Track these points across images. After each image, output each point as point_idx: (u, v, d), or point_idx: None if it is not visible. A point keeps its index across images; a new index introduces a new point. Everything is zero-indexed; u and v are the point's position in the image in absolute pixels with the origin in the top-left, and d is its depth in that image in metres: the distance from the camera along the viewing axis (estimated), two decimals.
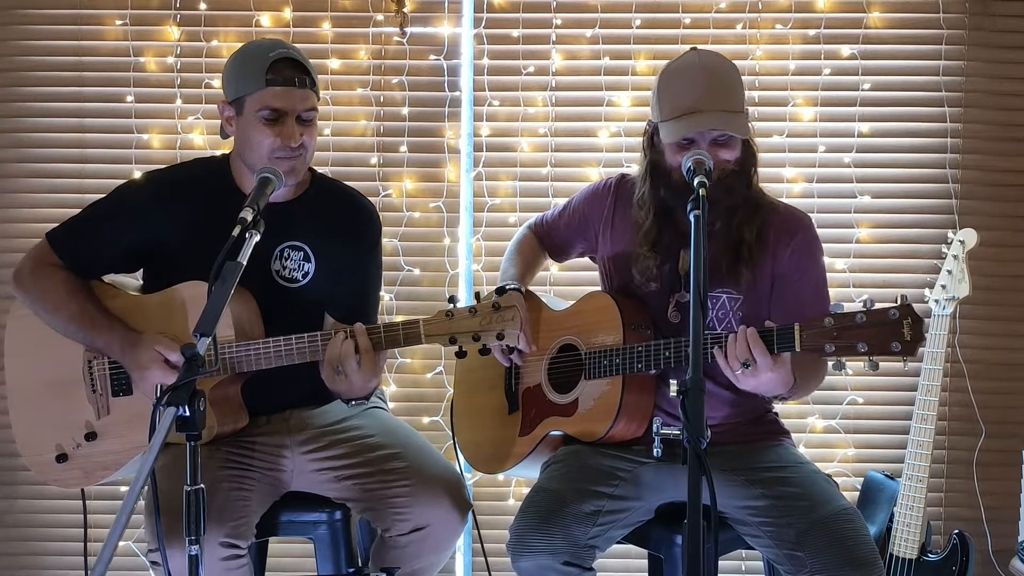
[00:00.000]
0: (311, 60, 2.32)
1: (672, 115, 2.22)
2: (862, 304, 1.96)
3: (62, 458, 2.32)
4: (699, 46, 2.36)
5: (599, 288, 2.52)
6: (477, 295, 2.36)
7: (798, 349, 2.01)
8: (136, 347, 2.22)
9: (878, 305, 1.96)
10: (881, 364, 3.07)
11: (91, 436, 2.31)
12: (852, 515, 2.16)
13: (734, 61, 3.04)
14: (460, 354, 2.19)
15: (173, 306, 2.26)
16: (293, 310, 2.29)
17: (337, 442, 2.34)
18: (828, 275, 2.39)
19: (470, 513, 2.35)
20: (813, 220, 2.39)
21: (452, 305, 2.15)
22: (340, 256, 2.40)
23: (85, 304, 2.29)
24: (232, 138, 2.32)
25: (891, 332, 1.94)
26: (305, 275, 2.37)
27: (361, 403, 2.36)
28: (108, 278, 2.40)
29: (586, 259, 2.65)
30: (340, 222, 2.42)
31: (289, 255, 2.37)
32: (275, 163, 2.23)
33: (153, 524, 1.99)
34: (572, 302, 2.51)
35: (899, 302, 1.95)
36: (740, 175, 2.26)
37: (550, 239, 2.65)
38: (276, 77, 2.23)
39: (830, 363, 2.09)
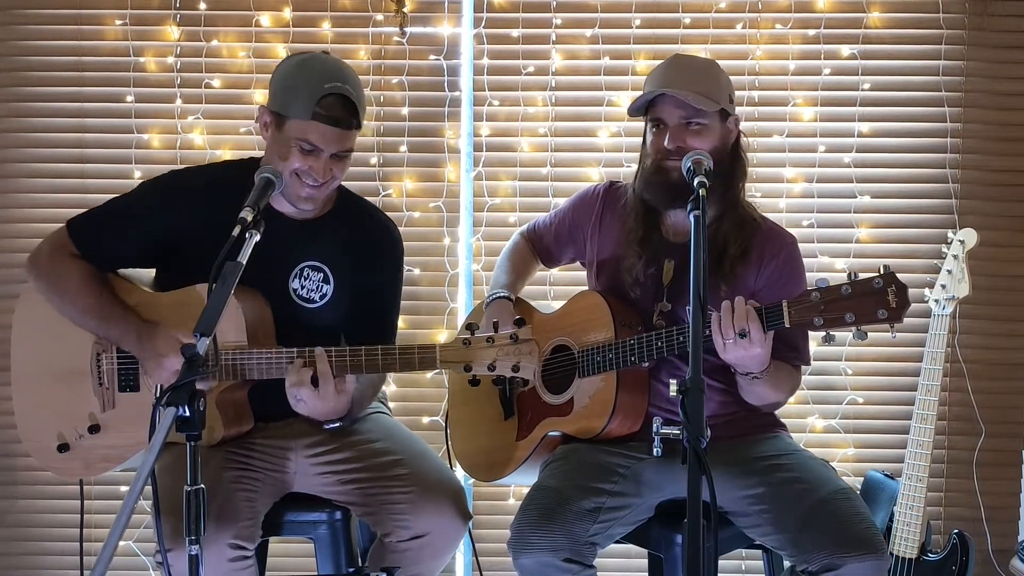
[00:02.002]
0: None
1: (648, 88, 2.32)
2: (846, 276, 2.00)
3: (63, 448, 2.32)
4: (689, 51, 2.40)
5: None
6: (495, 325, 2.29)
7: (787, 325, 2.05)
8: (153, 335, 2.21)
9: (862, 275, 2.00)
10: (878, 363, 3.14)
11: (95, 428, 2.30)
12: (850, 494, 2.18)
13: (734, 61, 3.08)
14: (473, 382, 2.18)
15: (185, 306, 2.25)
16: (308, 330, 2.26)
17: (340, 446, 2.34)
18: (828, 275, 2.39)
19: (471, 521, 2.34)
20: (813, 221, 2.40)
21: (470, 332, 2.13)
22: (360, 281, 2.39)
23: (101, 295, 2.28)
24: (264, 140, 2.30)
25: (877, 300, 1.98)
26: (323, 296, 2.37)
27: (338, 424, 2.28)
28: (123, 272, 2.39)
29: None
30: (363, 246, 2.41)
31: (308, 275, 2.36)
32: (296, 186, 2.22)
33: (157, 525, 1.99)
34: (562, 303, 2.52)
35: (881, 271, 1.98)
36: (719, 181, 2.21)
37: (541, 244, 2.67)
38: (323, 113, 2.17)
39: (820, 336, 2.11)
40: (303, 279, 2.36)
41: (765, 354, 2.10)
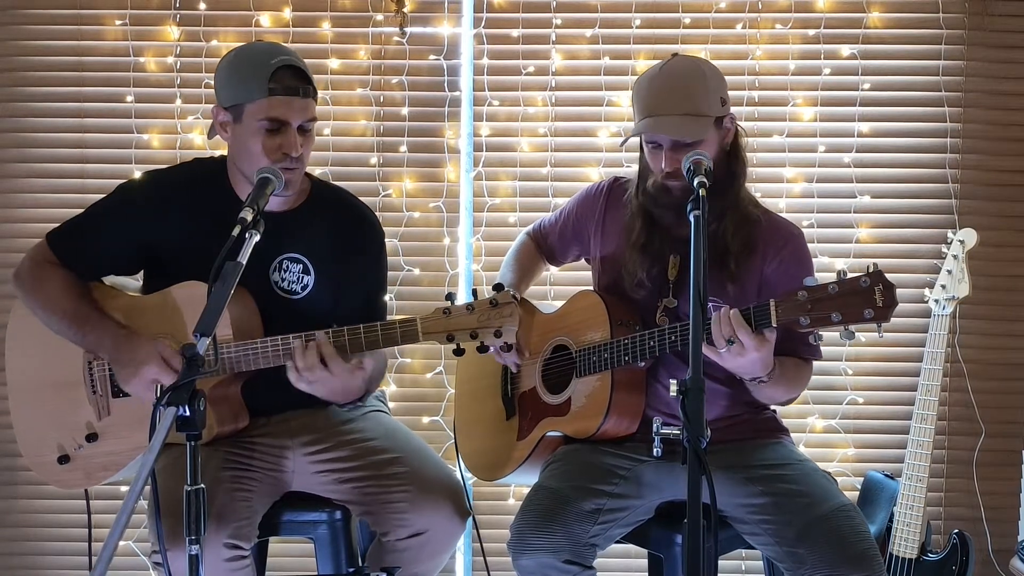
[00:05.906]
0: (310, 60, 2.31)
1: (638, 117, 2.27)
2: (836, 275, 1.99)
3: (64, 459, 2.32)
4: (680, 52, 2.37)
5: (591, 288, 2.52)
6: (475, 292, 2.35)
7: (774, 324, 2.03)
8: (132, 344, 2.20)
9: (850, 275, 1.98)
10: (878, 363, 3.14)
11: (92, 437, 2.31)
12: (852, 511, 2.17)
13: (734, 61, 3.08)
14: (458, 352, 2.18)
15: (171, 307, 2.26)
16: (294, 321, 2.25)
17: (338, 444, 2.34)
18: (828, 276, 2.39)
19: (470, 519, 2.34)
20: (813, 221, 2.39)
21: (449, 302, 2.14)
22: (341, 270, 2.39)
23: (79, 302, 2.28)
24: (225, 141, 2.30)
25: (863, 300, 1.96)
26: (304, 287, 2.37)
27: (357, 406, 2.34)
28: (108, 280, 2.40)
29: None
30: (340, 235, 2.40)
31: (288, 267, 2.36)
32: None
33: (155, 526, 1.99)
34: (562, 302, 2.52)
35: (869, 270, 1.97)
36: (720, 182, 2.21)
37: (547, 244, 2.67)
38: (279, 86, 2.19)
39: (809, 338, 2.09)
40: (283, 271, 2.35)
41: (763, 358, 2.08)
